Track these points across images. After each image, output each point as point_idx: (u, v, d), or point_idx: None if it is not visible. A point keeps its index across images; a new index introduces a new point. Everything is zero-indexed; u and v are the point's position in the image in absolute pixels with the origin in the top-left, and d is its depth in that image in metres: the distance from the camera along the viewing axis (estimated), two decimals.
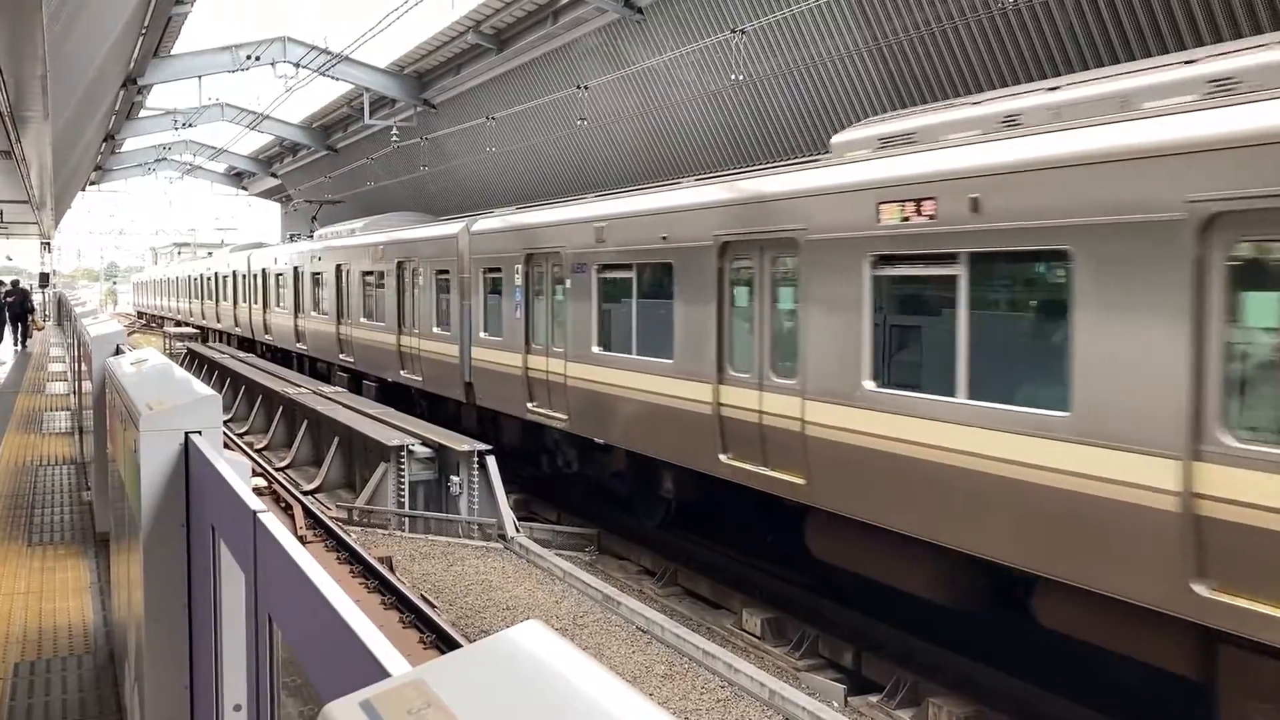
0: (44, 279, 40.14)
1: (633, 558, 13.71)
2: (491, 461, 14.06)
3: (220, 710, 2.50)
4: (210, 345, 36.33)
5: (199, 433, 3.07)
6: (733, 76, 17.69)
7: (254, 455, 19.43)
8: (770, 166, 11.88)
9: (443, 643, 9.29)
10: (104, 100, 21.25)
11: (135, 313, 75.30)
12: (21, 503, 9.21)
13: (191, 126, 36.35)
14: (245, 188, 56.30)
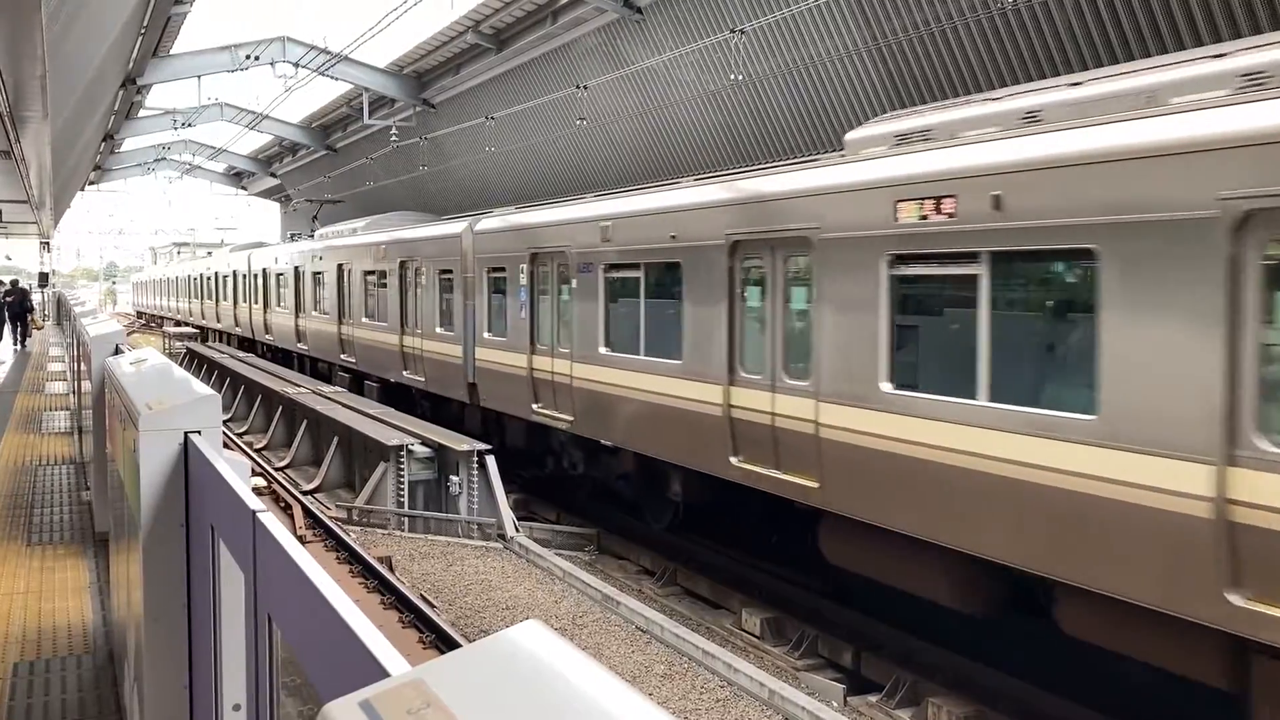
0: (43, 279, 40.19)
1: (632, 558, 13.71)
2: (491, 461, 14.05)
3: (220, 710, 2.50)
4: (209, 345, 36.33)
5: (198, 432, 3.07)
6: (732, 76, 17.67)
7: (253, 455, 19.42)
8: (782, 164, 11.63)
9: (442, 642, 9.29)
10: (103, 100, 21.24)
11: (135, 313, 75.32)
12: (21, 502, 9.20)
13: (191, 126, 36.33)
14: (244, 187, 56.28)
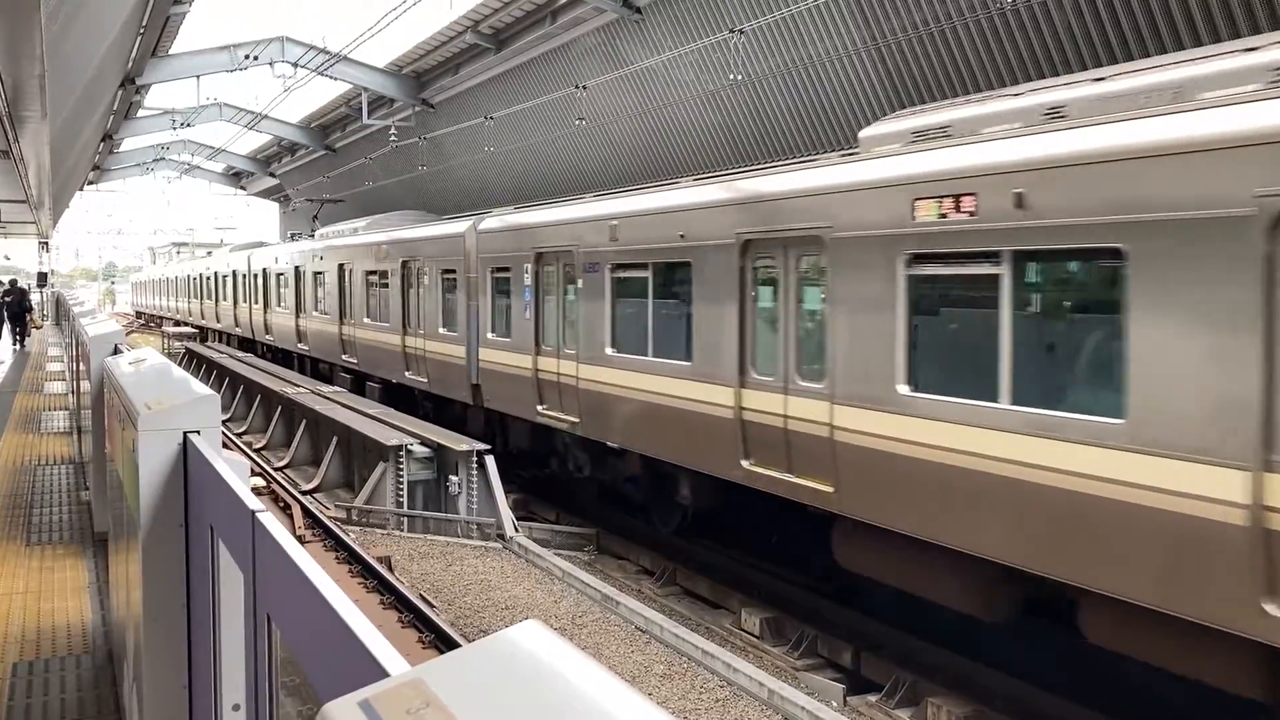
0: (42, 278, 40.21)
1: (632, 557, 13.71)
2: (490, 461, 14.05)
3: (219, 710, 2.49)
4: (209, 345, 36.32)
5: (197, 432, 3.07)
6: (731, 76, 17.67)
7: (252, 455, 19.42)
8: (795, 162, 11.44)
9: (441, 642, 9.29)
10: (102, 100, 21.23)
11: (134, 313, 75.32)
12: (20, 502, 9.20)
13: (190, 126, 36.30)
14: (243, 187, 56.26)
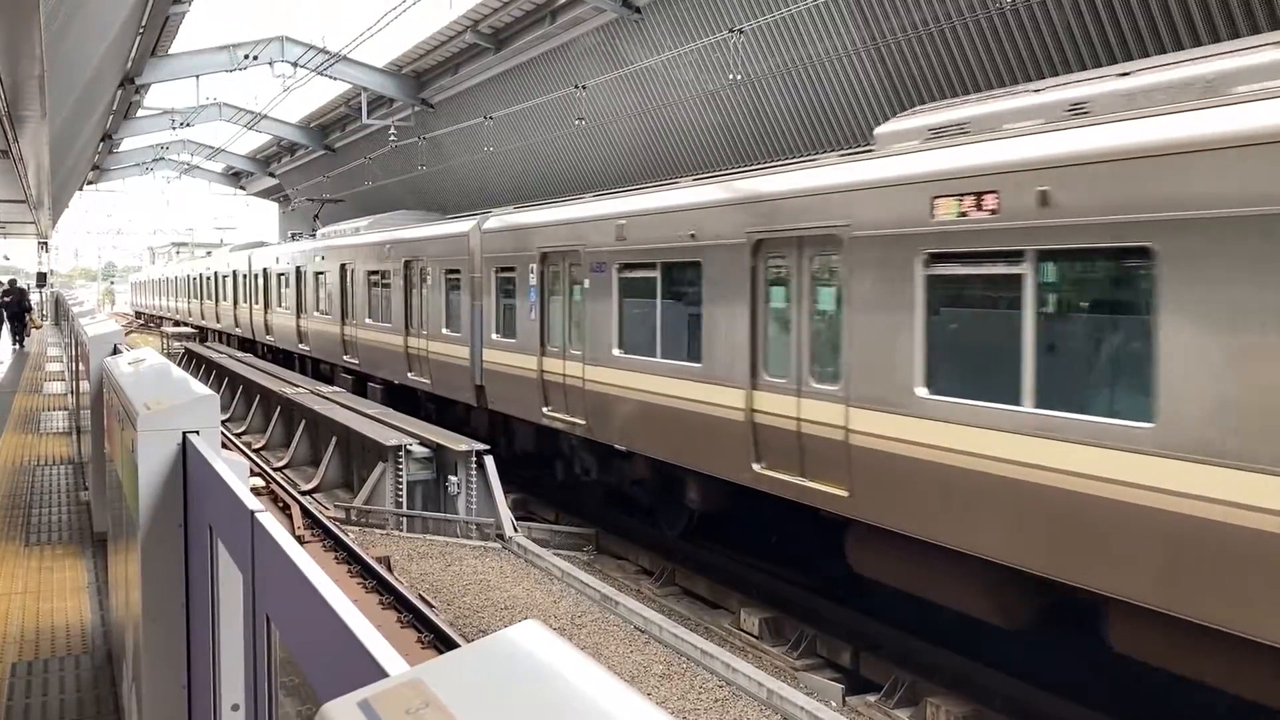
0: (41, 278, 40.23)
1: (631, 557, 13.71)
2: (490, 461, 14.05)
3: (218, 710, 2.50)
4: (208, 345, 36.31)
5: (196, 432, 3.07)
6: (731, 76, 17.66)
7: (252, 455, 19.42)
8: (808, 159, 11.36)
9: (441, 642, 9.29)
10: (101, 100, 21.24)
11: (134, 313, 75.33)
12: (19, 502, 9.20)
13: (189, 126, 36.30)
14: (243, 187, 56.26)
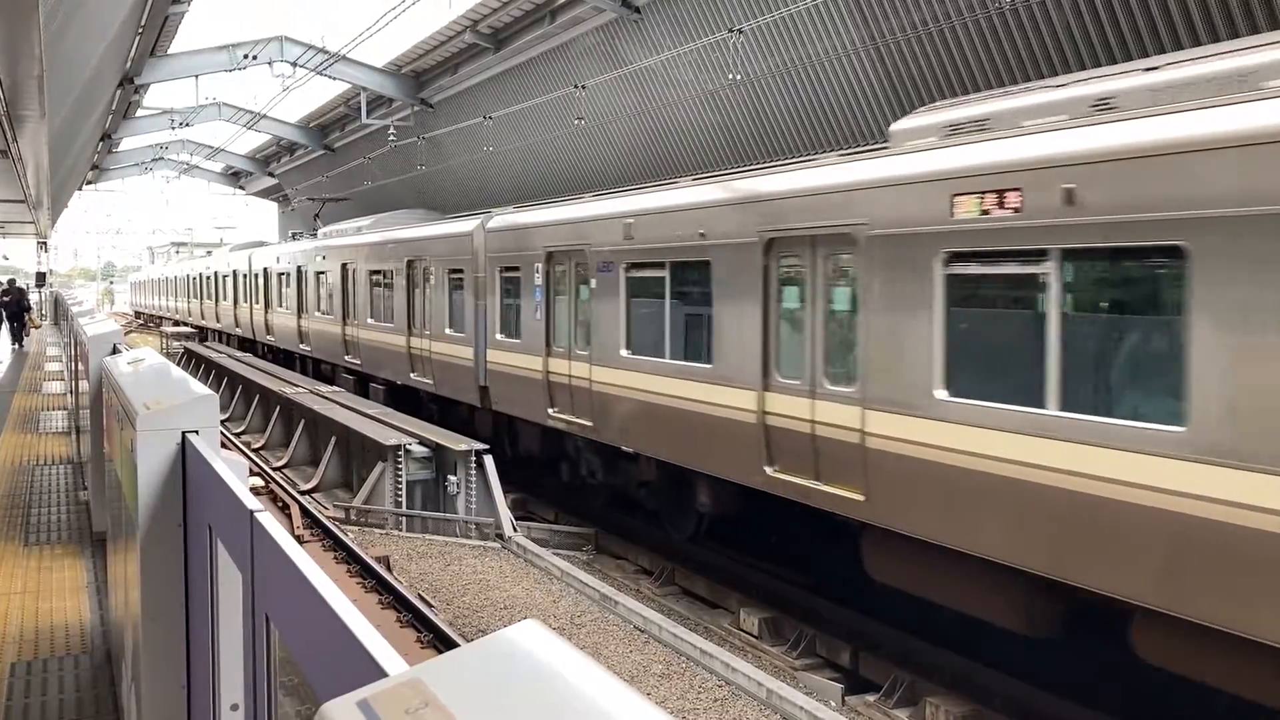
0: (40, 278, 40.24)
1: (630, 557, 13.71)
2: (489, 461, 14.04)
3: (217, 710, 2.49)
4: (207, 344, 36.30)
5: (196, 432, 3.07)
6: (730, 76, 17.66)
7: (251, 455, 19.42)
8: (823, 156, 11.25)
9: (440, 642, 9.29)
10: (101, 99, 21.23)
11: (133, 312, 75.33)
12: (18, 502, 9.19)
13: (188, 126, 36.29)
14: (242, 187, 56.25)
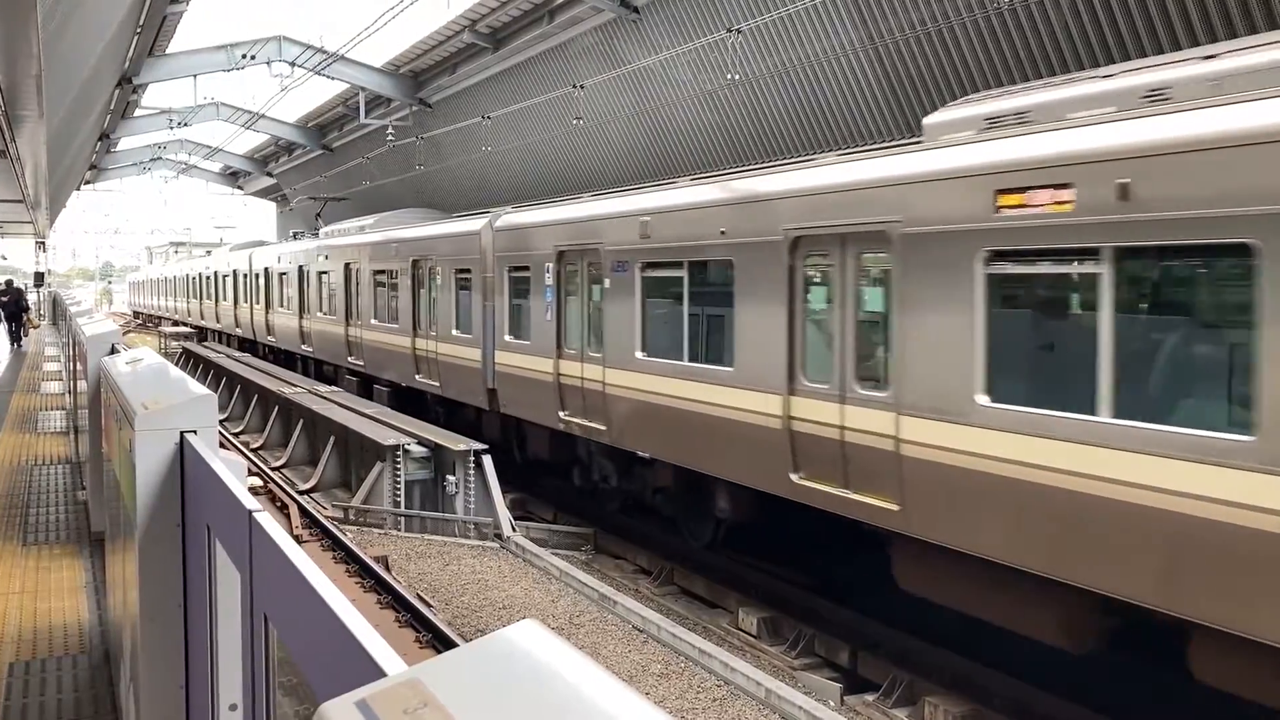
0: (39, 278, 40.24)
1: (629, 557, 13.71)
2: (487, 461, 14.04)
3: (216, 710, 2.49)
4: (206, 344, 36.27)
5: (194, 432, 3.07)
6: (728, 76, 17.67)
7: (249, 455, 19.41)
8: (852, 152, 10.95)
9: (439, 642, 9.29)
10: (99, 99, 21.23)
11: (131, 312, 75.31)
12: (16, 502, 9.19)
13: (187, 126, 36.30)
14: (241, 187, 56.26)
